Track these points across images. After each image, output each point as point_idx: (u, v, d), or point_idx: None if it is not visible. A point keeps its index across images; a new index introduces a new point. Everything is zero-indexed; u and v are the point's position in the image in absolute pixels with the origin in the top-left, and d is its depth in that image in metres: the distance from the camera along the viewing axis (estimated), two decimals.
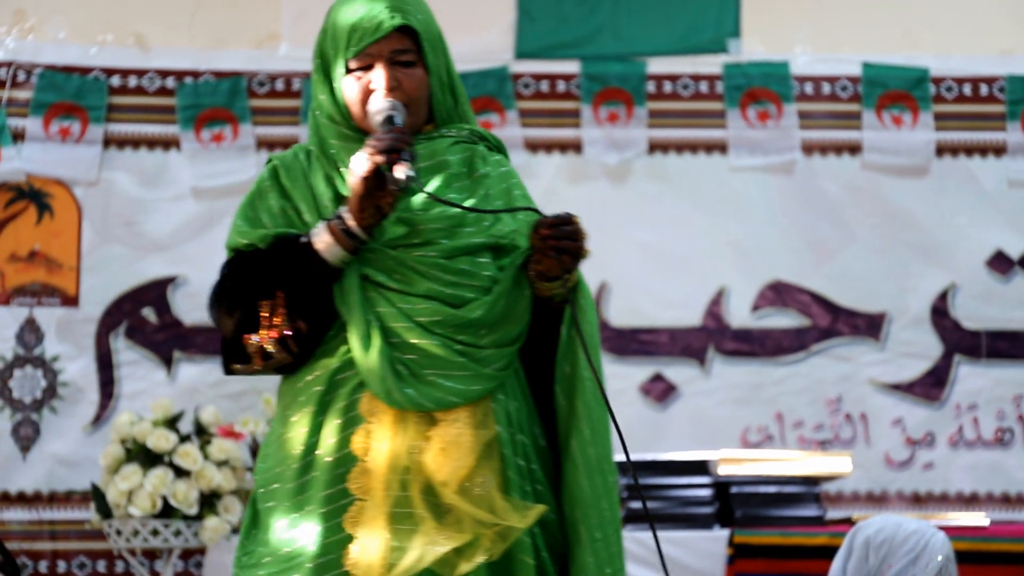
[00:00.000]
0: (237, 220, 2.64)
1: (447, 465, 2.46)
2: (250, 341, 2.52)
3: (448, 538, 2.43)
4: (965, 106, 5.52)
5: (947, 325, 5.43)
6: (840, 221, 5.46)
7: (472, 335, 2.51)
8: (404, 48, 2.59)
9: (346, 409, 2.51)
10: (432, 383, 2.49)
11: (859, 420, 5.39)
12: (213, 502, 4.81)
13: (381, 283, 2.52)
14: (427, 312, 2.51)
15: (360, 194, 2.46)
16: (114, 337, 5.30)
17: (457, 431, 2.48)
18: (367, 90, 2.59)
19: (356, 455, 2.48)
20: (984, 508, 5.31)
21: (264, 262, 2.55)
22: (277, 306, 2.50)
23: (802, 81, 5.51)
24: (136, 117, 5.39)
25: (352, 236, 2.48)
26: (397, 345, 2.49)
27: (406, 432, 2.48)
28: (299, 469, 2.51)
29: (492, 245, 2.59)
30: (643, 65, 5.48)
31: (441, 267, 2.53)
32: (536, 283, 2.55)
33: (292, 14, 5.45)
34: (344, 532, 2.46)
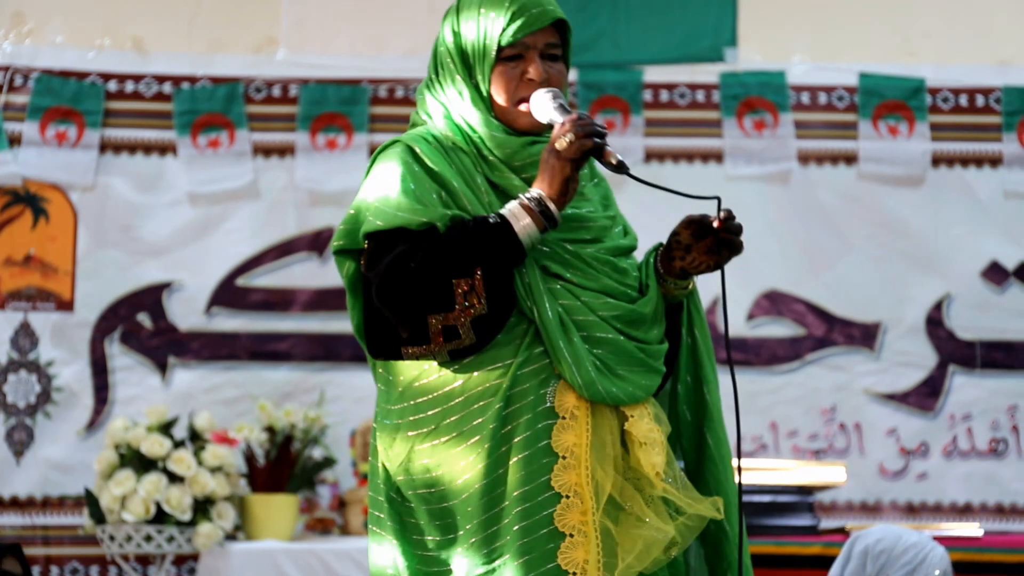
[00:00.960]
0: (398, 199, 2.49)
1: (653, 458, 2.48)
2: (435, 320, 2.44)
3: (660, 530, 2.46)
4: (961, 117, 5.53)
5: (942, 335, 5.43)
6: (836, 231, 5.46)
7: (644, 331, 2.55)
8: (555, 42, 2.59)
9: (535, 404, 2.47)
10: (623, 377, 2.50)
11: (853, 430, 5.39)
12: (207, 508, 4.81)
13: (559, 275, 2.52)
14: (607, 307, 2.52)
15: (565, 176, 2.46)
16: (109, 342, 5.29)
17: (647, 426, 2.50)
18: (520, 80, 2.56)
19: (554, 451, 2.46)
20: (978, 518, 5.31)
21: (462, 241, 2.45)
22: (475, 285, 2.43)
23: (798, 91, 5.51)
24: (133, 122, 5.39)
25: (550, 218, 2.46)
26: (586, 339, 2.49)
27: (603, 426, 2.48)
28: (488, 467, 2.45)
29: (632, 248, 2.65)
30: (640, 73, 5.49)
31: (611, 264, 2.56)
32: (667, 281, 2.60)
33: (290, 20, 5.45)
34: (550, 528, 2.43)
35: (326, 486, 5.18)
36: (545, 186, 2.47)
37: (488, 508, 2.45)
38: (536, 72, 2.56)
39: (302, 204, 5.38)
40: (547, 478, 2.45)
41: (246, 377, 5.29)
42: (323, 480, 5.15)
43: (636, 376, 2.52)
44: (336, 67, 5.40)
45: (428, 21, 5.41)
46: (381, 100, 5.43)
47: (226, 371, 5.30)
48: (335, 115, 5.39)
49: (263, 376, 5.29)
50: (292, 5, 5.44)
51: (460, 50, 2.60)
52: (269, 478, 4.97)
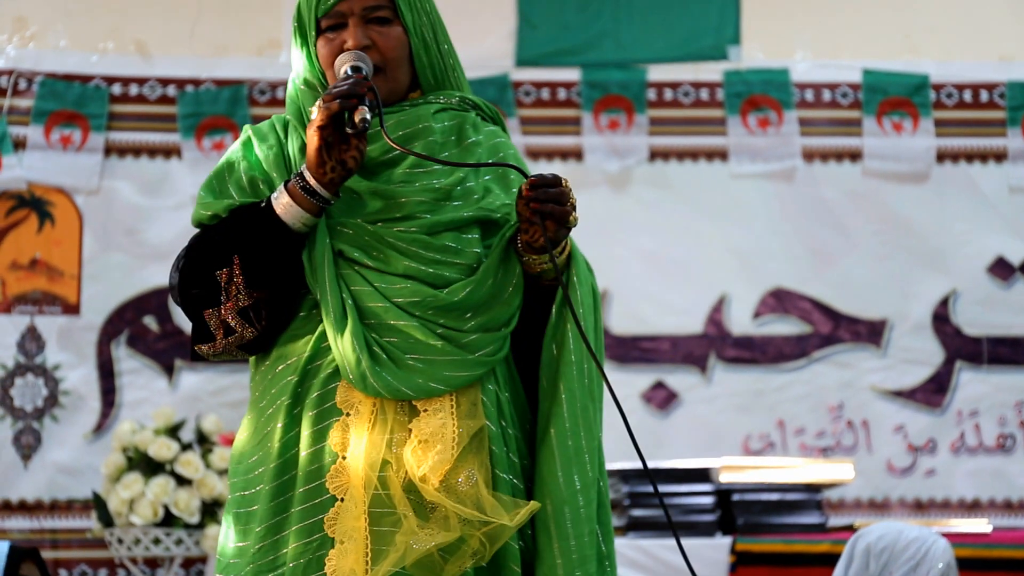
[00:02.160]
0: (201, 194, 2.43)
1: (428, 459, 2.25)
2: (211, 316, 2.32)
3: (431, 536, 2.23)
4: (965, 112, 5.53)
5: (948, 331, 5.43)
6: (841, 228, 5.46)
7: (455, 319, 2.31)
8: (377, 5, 2.41)
9: (320, 400, 2.31)
10: (412, 368, 2.28)
11: (861, 427, 5.39)
12: (214, 510, 4.81)
13: (356, 260, 2.33)
14: (406, 292, 2.30)
15: (317, 146, 2.26)
16: (115, 345, 5.30)
17: (440, 422, 2.28)
18: (339, 50, 2.40)
19: (334, 451, 2.28)
20: (986, 514, 5.31)
21: (221, 229, 2.35)
22: (234, 274, 2.30)
23: (802, 88, 5.51)
24: (137, 125, 5.39)
25: (313, 194, 2.28)
26: (374, 327, 2.29)
27: (385, 424, 2.28)
28: (280, 467, 2.32)
29: (482, 219, 2.38)
30: (644, 72, 5.49)
31: (422, 243, 2.33)
32: (525, 257, 2.35)
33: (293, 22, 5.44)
34: (323, 533, 2.27)
35: None
36: (307, 160, 2.29)
37: (276, 512, 2.31)
38: (353, 39, 2.40)
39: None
40: (324, 478, 2.28)
41: None
42: None
43: (435, 368, 2.28)
44: None
45: None
46: None
47: (233, 373, 5.30)
48: None
49: None
50: (294, 7, 5.44)
51: (297, 26, 2.49)
52: None
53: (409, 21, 2.42)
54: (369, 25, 2.41)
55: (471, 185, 2.40)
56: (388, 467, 2.26)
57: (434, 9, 2.48)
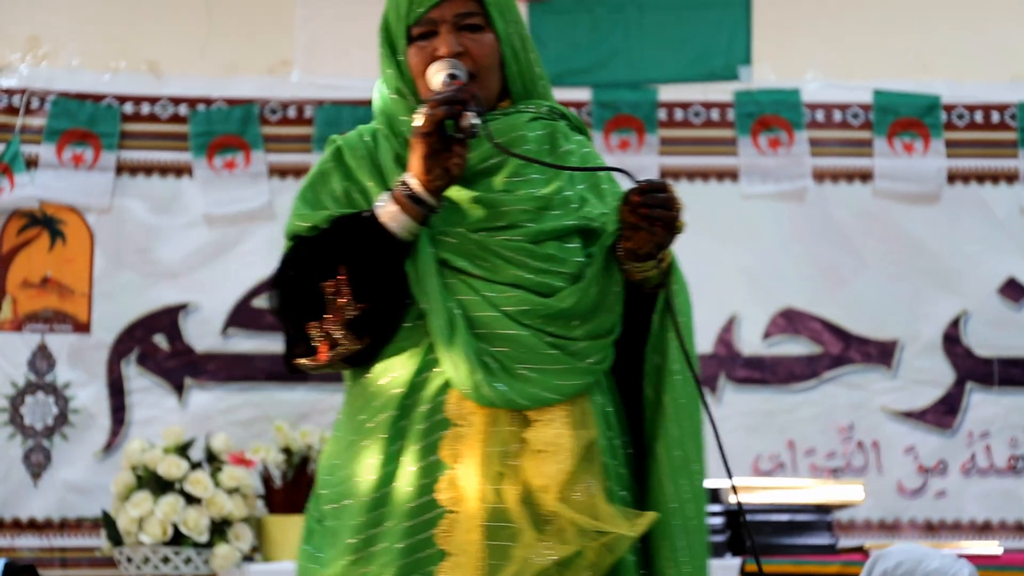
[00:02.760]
0: (296, 205, 2.42)
1: (547, 469, 2.23)
2: (314, 329, 2.28)
3: (550, 550, 2.21)
4: (977, 133, 5.52)
5: (959, 352, 5.42)
6: (852, 248, 5.46)
7: (563, 326, 2.30)
8: (469, 11, 2.39)
9: (430, 412, 2.28)
10: (525, 378, 2.27)
11: (871, 448, 5.38)
12: (224, 529, 4.81)
13: (462, 269, 2.31)
14: (514, 301, 2.29)
15: (424, 154, 2.24)
16: (126, 364, 5.30)
17: (555, 432, 2.26)
18: (432, 57, 2.37)
19: (445, 463, 2.26)
20: (997, 536, 5.29)
21: (325, 240, 2.32)
22: (341, 286, 2.26)
23: (813, 108, 5.51)
24: (149, 144, 5.40)
25: (419, 202, 2.26)
26: (484, 336, 2.28)
27: (499, 435, 2.25)
28: (380, 480, 2.29)
29: (582, 228, 2.37)
30: (654, 92, 5.49)
31: (528, 252, 2.32)
32: (627, 265, 2.34)
33: (304, 41, 5.46)
34: (435, 548, 2.24)
35: None
36: (411, 168, 2.28)
37: (373, 525, 2.28)
38: (445, 47, 2.37)
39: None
40: (434, 491, 2.26)
41: (263, 398, 5.30)
42: None
43: (547, 377, 2.27)
44: (351, 88, 5.41)
45: None
46: None
47: (243, 392, 5.30)
48: None
49: (280, 397, 5.29)
50: (305, 26, 5.46)
51: (386, 35, 2.45)
52: (286, 499, 4.96)
53: (501, 28, 2.41)
54: (461, 32, 2.39)
55: (568, 194, 2.40)
56: (503, 479, 2.24)
57: (521, 18, 2.46)
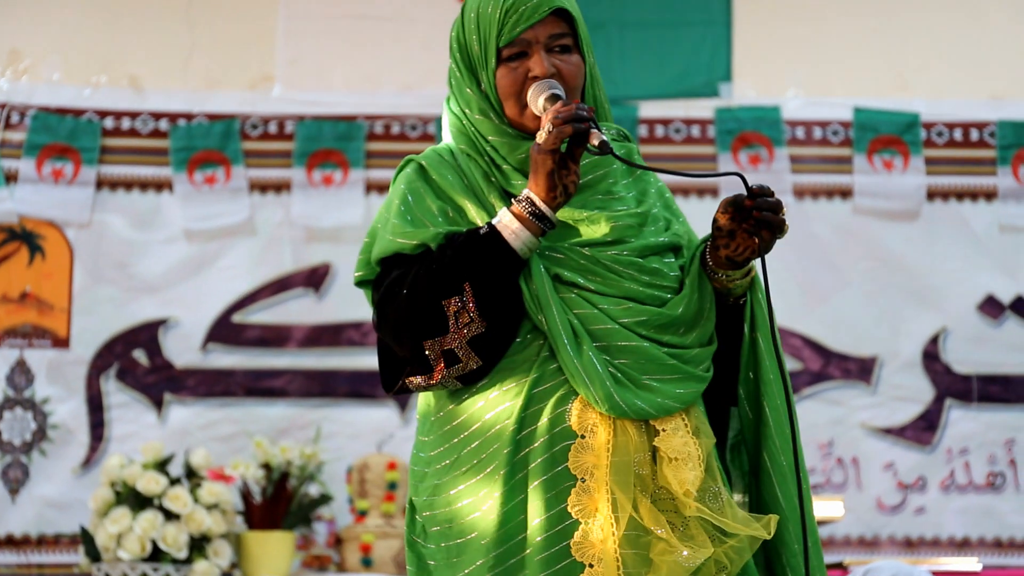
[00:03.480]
0: (393, 222, 2.38)
1: (684, 476, 2.28)
2: (433, 347, 2.30)
3: (692, 555, 2.25)
4: (956, 151, 5.54)
5: (938, 369, 5.43)
6: (832, 265, 5.47)
7: (677, 335, 2.36)
8: (561, 32, 2.43)
9: (552, 424, 2.31)
10: (650, 387, 2.31)
11: (851, 464, 5.38)
12: (203, 546, 4.79)
13: (575, 283, 2.35)
14: (630, 313, 2.34)
15: (549, 170, 2.27)
16: (105, 379, 5.29)
17: (681, 440, 2.31)
18: (523, 78, 2.40)
19: (572, 474, 2.29)
20: (976, 553, 5.30)
21: (447, 258, 2.31)
22: (466, 302, 2.28)
23: (793, 125, 5.53)
24: (129, 159, 5.39)
25: (542, 218, 2.29)
26: (605, 349, 2.32)
27: (628, 444, 2.30)
28: (505, 493, 2.30)
29: (673, 245, 2.45)
30: (635, 109, 5.50)
31: (637, 266, 2.37)
32: (719, 274, 2.39)
33: (286, 57, 5.46)
34: (569, 559, 2.26)
35: (322, 523, 5.16)
36: (533, 185, 2.31)
37: (505, 540, 2.30)
38: (540, 67, 2.40)
39: (298, 240, 5.38)
40: (566, 504, 2.29)
41: (242, 414, 5.29)
42: (319, 517, 5.13)
43: (668, 386, 2.33)
44: (332, 103, 5.41)
45: (423, 57, 5.44)
46: (377, 136, 5.44)
47: (222, 408, 5.29)
48: (331, 151, 5.40)
49: (259, 413, 5.28)
50: (287, 42, 5.46)
51: (465, 58, 2.46)
52: (265, 515, 4.95)
53: (585, 51, 2.47)
54: (551, 53, 2.43)
55: (656, 212, 2.48)
56: (636, 487, 2.29)
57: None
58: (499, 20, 2.41)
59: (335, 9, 5.49)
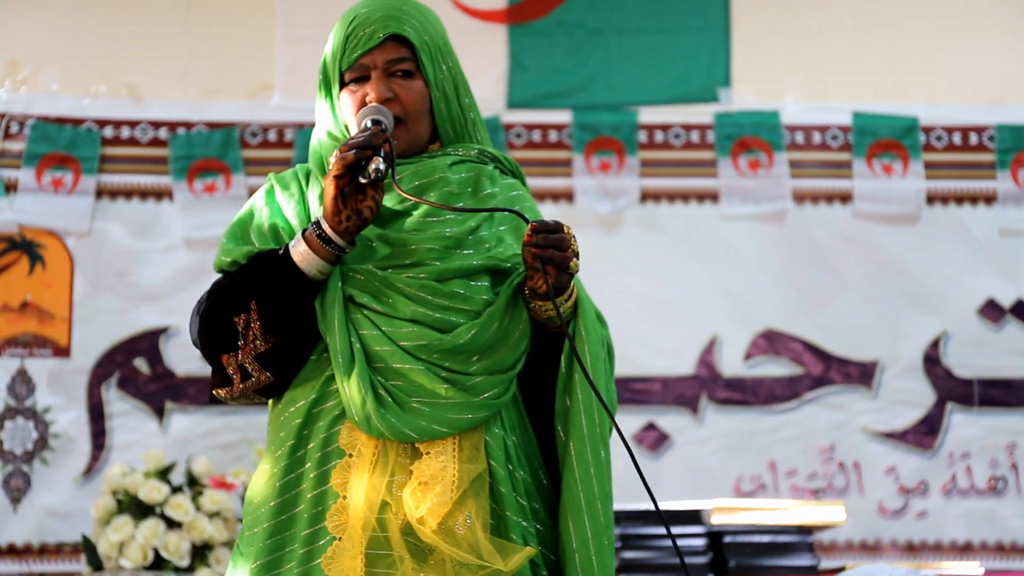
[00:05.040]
0: (223, 240, 2.50)
1: (427, 500, 2.29)
2: (228, 361, 2.38)
3: None
4: (955, 155, 5.54)
5: (939, 373, 5.43)
6: (832, 269, 5.47)
7: (461, 362, 2.36)
8: (400, 57, 2.48)
9: (325, 442, 2.36)
10: (417, 411, 2.33)
11: (852, 469, 5.38)
12: (205, 553, 4.79)
13: (365, 304, 2.37)
14: (412, 336, 2.35)
15: (333, 195, 2.32)
16: (106, 388, 5.29)
17: (441, 464, 2.32)
18: (362, 102, 2.47)
19: (335, 491, 2.33)
20: (978, 557, 5.30)
21: (239, 276, 2.40)
22: (252, 320, 2.35)
23: (793, 130, 5.53)
24: (129, 168, 5.40)
25: (329, 242, 2.34)
26: (381, 370, 2.35)
27: (387, 466, 2.33)
28: (278, 506, 2.37)
29: (492, 268, 2.44)
30: (634, 114, 5.51)
31: (430, 290, 2.38)
32: (532, 304, 2.40)
33: (284, 65, 5.47)
34: (322, 574, 2.30)
35: None
36: (324, 210, 2.36)
37: (276, 549, 2.36)
38: (375, 92, 2.46)
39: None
40: (325, 518, 2.34)
41: (243, 422, 5.28)
42: None
43: (439, 411, 2.33)
44: None
45: None
46: None
47: (223, 416, 5.29)
48: None
49: (260, 420, 5.28)
50: (286, 50, 5.47)
51: (323, 77, 2.55)
52: None
53: (430, 75, 2.49)
54: (392, 78, 2.47)
55: (484, 235, 2.46)
56: (387, 508, 2.31)
57: (456, 64, 2.54)
58: (341, 45, 2.49)
59: (333, 18, 5.46)
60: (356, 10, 2.53)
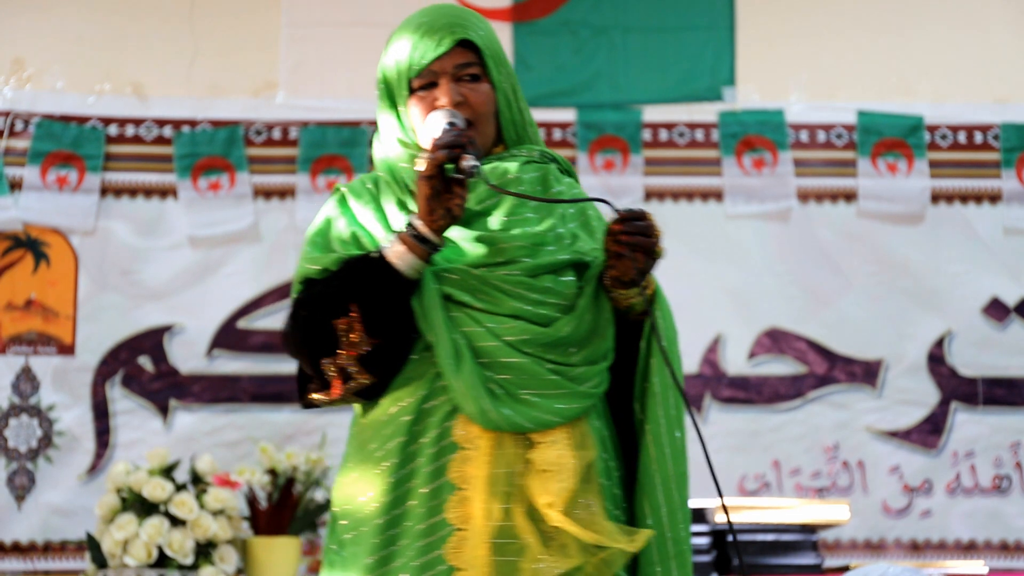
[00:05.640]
0: (306, 250, 2.57)
1: (551, 487, 2.39)
2: (329, 365, 2.43)
3: (555, 563, 2.36)
4: (960, 154, 5.54)
5: (944, 372, 5.43)
6: (836, 268, 5.47)
7: (562, 354, 2.46)
8: (467, 62, 2.55)
9: (439, 437, 2.43)
10: (529, 402, 2.42)
11: (856, 467, 5.38)
12: (209, 551, 4.79)
13: (465, 303, 2.46)
14: (515, 331, 2.44)
15: (427, 195, 2.40)
16: (110, 386, 5.29)
17: (557, 453, 2.41)
18: (432, 107, 2.54)
19: (453, 484, 2.41)
20: (982, 556, 5.30)
21: (337, 280, 2.45)
22: (353, 323, 2.41)
23: (797, 129, 5.53)
24: (133, 166, 5.40)
25: (424, 241, 2.42)
26: (488, 365, 2.43)
27: (504, 456, 2.41)
28: (390, 503, 2.43)
29: (575, 262, 2.53)
30: (639, 113, 5.51)
31: (525, 285, 2.47)
32: (613, 293, 2.51)
33: (289, 63, 5.47)
34: (446, 564, 2.38)
35: None
36: (417, 210, 2.44)
37: (388, 544, 2.42)
38: (445, 96, 2.53)
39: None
40: (444, 511, 2.40)
41: (248, 420, 5.29)
42: (325, 522, 5.14)
43: (548, 401, 2.42)
44: (335, 109, 5.42)
45: None
46: None
47: (228, 414, 5.29)
48: (335, 157, 5.41)
49: (265, 418, 5.29)
50: (290, 48, 5.47)
51: (386, 90, 2.60)
52: (271, 521, 4.95)
53: (496, 78, 2.57)
54: (460, 83, 2.55)
55: (561, 232, 2.56)
56: (510, 497, 2.39)
57: (511, 68, 2.63)
58: (409, 53, 2.54)
59: (338, 15, 5.49)
60: (418, 19, 2.58)
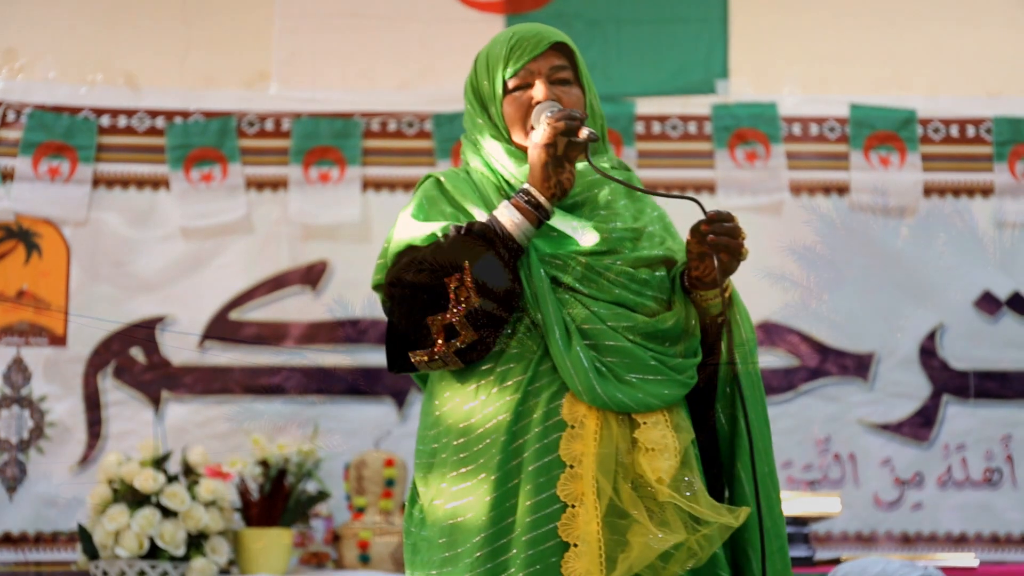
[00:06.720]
0: (407, 222, 2.63)
1: (659, 464, 2.48)
2: (433, 321, 2.50)
3: (666, 536, 2.44)
4: (952, 147, 5.55)
5: (935, 365, 5.43)
6: (828, 261, 5.47)
7: (661, 343, 2.57)
8: (562, 65, 2.68)
9: (546, 416, 2.52)
10: (633, 384, 2.52)
11: (848, 460, 5.39)
12: (200, 543, 4.79)
13: (571, 287, 2.57)
14: (620, 317, 2.55)
15: (544, 162, 2.52)
16: (102, 377, 5.29)
17: (660, 433, 2.51)
18: (527, 106, 2.66)
19: (562, 461, 2.49)
20: (973, 548, 5.30)
21: (448, 242, 2.54)
22: (464, 279, 2.49)
23: (790, 122, 5.53)
24: (125, 157, 5.39)
25: (537, 207, 2.52)
26: (594, 347, 2.53)
27: (611, 435, 2.50)
28: (500, 479, 2.50)
29: (667, 259, 2.66)
30: (632, 106, 5.50)
31: (628, 276, 2.59)
32: (693, 294, 2.63)
33: (282, 54, 5.46)
34: (556, 540, 2.46)
35: (320, 520, 5.16)
36: (530, 177, 2.55)
37: (497, 521, 2.49)
38: (542, 92, 2.65)
39: (295, 238, 5.38)
40: (555, 489, 2.48)
41: (239, 411, 5.29)
42: (317, 514, 5.14)
43: (650, 385, 2.53)
44: (328, 101, 5.41)
45: (419, 55, 5.44)
46: (374, 133, 5.44)
47: (219, 405, 5.29)
48: (328, 148, 5.40)
49: (256, 410, 5.28)
50: (283, 39, 5.46)
51: (476, 96, 2.72)
52: (263, 512, 4.95)
53: (586, 83, 2.72)
54: (553, 85, 2.68)
55: (650, 230, 2.69)
56: (619, 474, 2.49)
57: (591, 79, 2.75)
58: (505, 56, 2.67)
59: (331, 6, 5.49)
60: (511, 30, 2.71)
